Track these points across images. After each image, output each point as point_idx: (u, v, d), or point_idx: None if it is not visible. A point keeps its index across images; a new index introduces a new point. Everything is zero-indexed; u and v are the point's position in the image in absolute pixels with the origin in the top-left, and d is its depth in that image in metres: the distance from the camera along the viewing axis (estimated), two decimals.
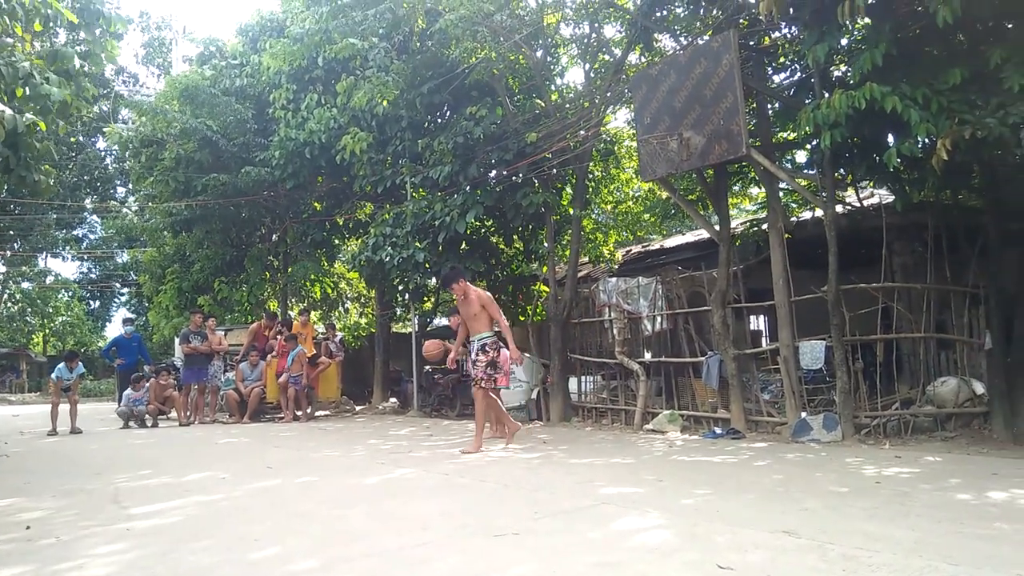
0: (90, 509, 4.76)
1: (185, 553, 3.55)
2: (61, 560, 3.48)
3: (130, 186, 25.68)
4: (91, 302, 37.99)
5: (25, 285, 32.68)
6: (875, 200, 10.22)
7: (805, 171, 10.19)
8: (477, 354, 7.52)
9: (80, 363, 11.47)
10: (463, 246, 12.74)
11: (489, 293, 7.95)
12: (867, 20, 7.54)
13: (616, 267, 14.26)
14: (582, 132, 10.65)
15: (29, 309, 34.74)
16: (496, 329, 7.66)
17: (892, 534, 3.62)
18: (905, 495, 4.71)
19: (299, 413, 12.16)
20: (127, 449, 8.74)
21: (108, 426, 11.93)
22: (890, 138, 7.76)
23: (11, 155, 6.89)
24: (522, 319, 14.62)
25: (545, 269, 12.71)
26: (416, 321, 14.54)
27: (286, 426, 11.38)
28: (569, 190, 12.72)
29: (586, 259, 14.30)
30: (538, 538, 3.69)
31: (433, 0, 11.03)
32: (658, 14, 10.33)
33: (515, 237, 14.01)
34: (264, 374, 12.60)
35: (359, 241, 15.40)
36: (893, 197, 8.59)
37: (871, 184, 10.19)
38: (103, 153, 29.38)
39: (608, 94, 11.13)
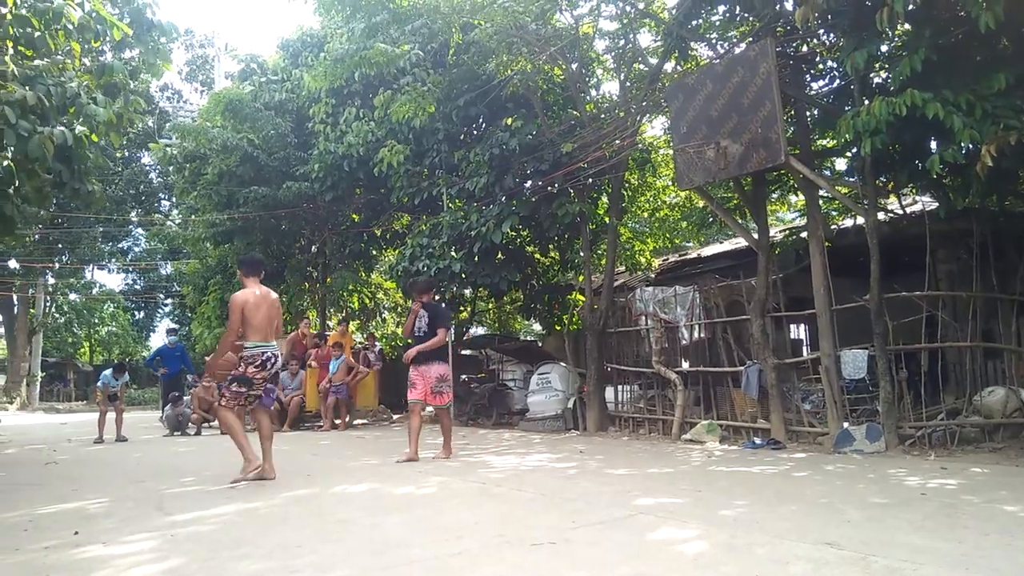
0: (135, 515, 4.87)
1: (227, 560, 3.62)
2: (107, 566, 3.56)
3: (174, 199, 26.35)
4: (136, 313, 38.93)
5: (72, 297, 33.60)
6: (918, 207, 10.02)
7: (845, 178, 10.05)
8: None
9: (127, 373, 11.78)
10: (499, 256, 12.80)
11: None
12: (907, 26, 7.42)
13: (653, 276, 14.18)
14: (617, 142, 10.64)
15: (76, 320, 35.73)
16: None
17: (938, 547, 3.54)
18: (951, 507, 4.60)
19: (337, 422, 12.30)
20: (171, 457, 8.93)
21: (152, 434, 12.19)
22: (933, 144, 7.62)
23: (64, 169, 7.14)
24: (558, 328, 14.62)
25: (581, 278, 12.70)
26: (453, 331, 14.60)
27: (325, 434, 11.52)
28: (605, 199, 12.70)
29: (622, 268, 14.26)
30: (576, 548, 3.68)
31: (469, 13, 11.14)
32: (694, 23, 10.29)
33: (551, 247, 14.03)
34: (304, 383, 12.78)
35: (396, 252, 15.56)
36: (937, 204, 8.44)
37: (914, 191, 10.01)
38: (148, 168, 30.14)
39: (644, 103, 11.11)
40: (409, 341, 8.02)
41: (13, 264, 28.06)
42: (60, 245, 28.45)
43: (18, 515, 4.98)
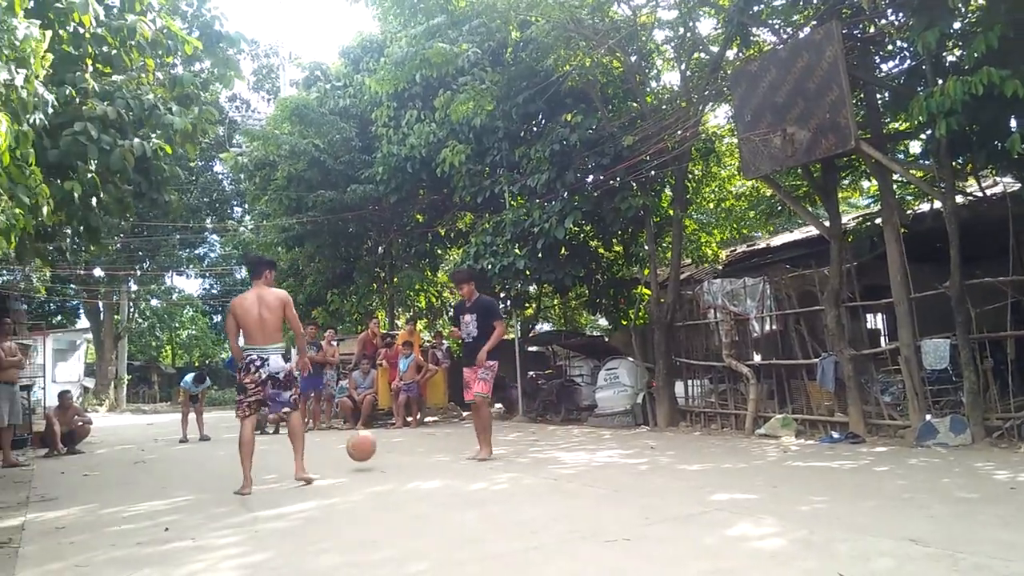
0: (221, 512, 5.08)
1: (309, 555, 3.75)
2: (196, 560, 3.74)
3: (246, 206, 27.19)
4: (213, 316, 40.31)
5: (154, 302, 35.02)
6: (999, 189, 9.59)
7: (920, 162, 9.68)
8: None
9: (207, 380, 12.39)
10: (562, 252, 12.79)
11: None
12: (980, 1, 7.11)
13: (720, 267, 13.95)
14: (680, 132, 10.49)
15: (158, 324, 37.26)
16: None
17: None
18: None
19: (409, 419, 12.52)
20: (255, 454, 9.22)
21: (233, 433, 12.63)
22: (1012, 123, 7.29)
23: (143, 180, 7.46)
24: (624, 323, 14.53)
25: (647, 272, 12.58)
26: (518, 327, 14.68)
27: (397, 432, 11.74)
28: (668, 191, 12.55)
29: (688, 260, 14.06)
30: (650, 544, 3.68)
31: (525, 9, 11.15)
32: (755, 8, 10.07)
33: (615, 241, 13.93)
34: (375, 382, 13.05)
35: (460, 251, 15.71)
36: (1019, 185, 8.06)
37: (993, 172, 9.58)
38: (220, 176, 31.17)
39: (705, 93, 10.94)
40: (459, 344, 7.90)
41: (98, 272, 29.43)
42: (140, 253, 29.67)
43: (111, 512, 5.26)
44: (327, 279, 17.65)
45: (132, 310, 31.87)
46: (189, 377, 12.08)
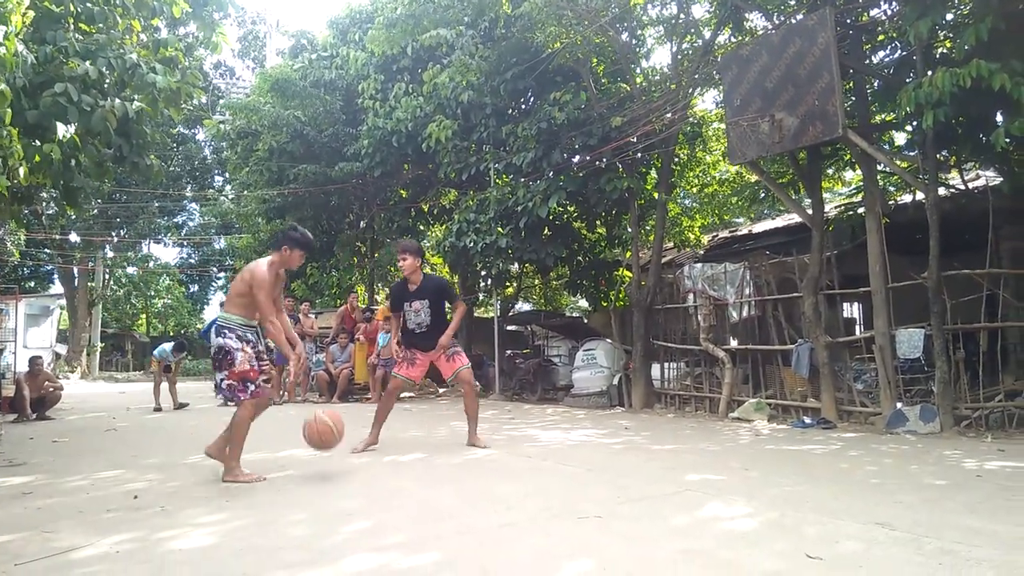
0: (192, 481, 5.04)
1: (282, 525, 3.73)
2: (166, 528, 3.70)
3: (227, 175, 26.89)
4: (190, 286, 39.96)
5: (130, 270, 34.61)
6: (981, 182, 9.67)
7: (905, 152, 9.74)
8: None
9: (185, 351, 12.25)
10: (545, 232, 12.77)
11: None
12: None
13: (702, 252, 14.01)
14: (668, 115, 10.47)
15: (134, 292, 36.84)
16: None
17: (994, 529, 3.47)
18: (1008, 489, 4.49)
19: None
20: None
21: (208, 403, 12.55)
22: (999, 117, 7.33)
23: (124, 143, 7.31)
24: (604, 304, 14.58)
25: (628, 254, 12.61)
26: (498, 306, 14.67)
27: (373, 406, 11.65)
28: (654, 174, 12.55)
29: (671, 244, 14.11)
30: (622, 522, 3.70)
31: None
32: None
33: (598, 222, 13.95)
34: (353, 356, 13.00)
35: (443, 227, 15.66)
36: (1001, 179, 8.12)
37: (977, 165, 9.66)
38: (202, 144, 30.76)
39: (696, 76, 10.90)
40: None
41: (74, 238, 29.01)
42: (118, 219, 29.29)
43: (81, 479, 5.20)
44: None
45: (107, 277, 31.47)
46: (168, 346, 11.90)
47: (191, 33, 8.59)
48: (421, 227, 18.02)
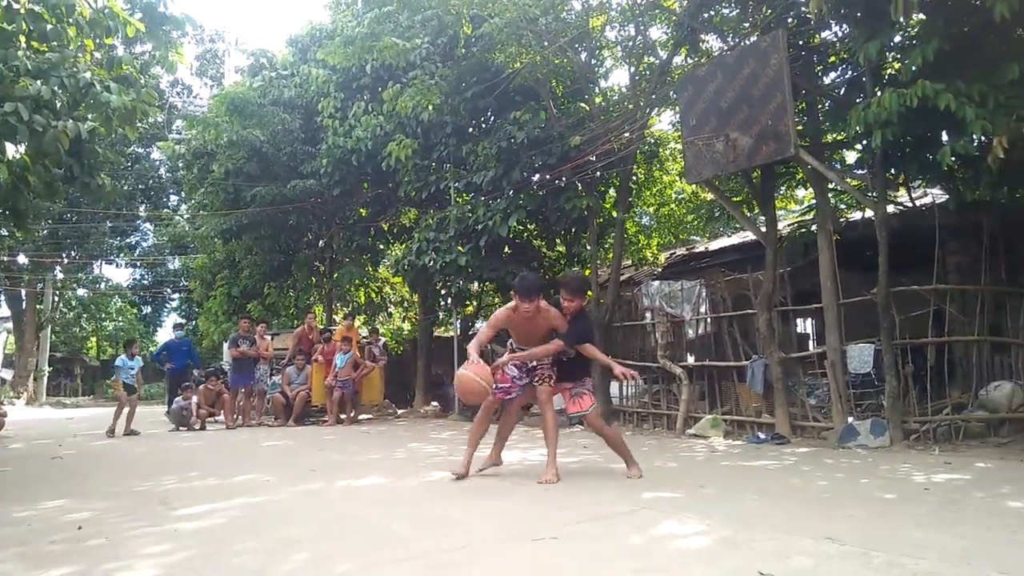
0: (139, 510, 4.87)
1: (230, 555, 3.61)
2: (110, 560, 3.55)
3: (182, 194, 26.43)
4: (143, 308, 39.03)
5: (80, 292, 33.72)
6: (928, 200, 9.93)
7: (855, 171, 9.96)
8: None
9: (139, 355, 11.83)
10: (505, 250, 12.77)
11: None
12: (921, 16, 7.32)
13: (659, 270, 14.13)
14: (626, 135, 10.58)
15: (84, 315, 35.87)
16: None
17: (940, 541, 3.51)
18: (955, 502, 4.57)
19: (343, 416, 12.31)
20: (176, 452, 8.95)
21: (158, 428, 12.24)
22: (944, 136, 7.54)
23: (75, 163, 7.14)
24: None
25: (588, 272, 12.66)
26: (458, 325, 14.60)
27: (330, 429, 11.53)
28: (612, 193, 12.65)
29: (629, 262, 14.20)
30: (578, 543, 3.67)
31: (479, 5, 11.08)
32: (705, 15, 10.21)
33: (557, 240, 13.99)
34: (310, 378, 12.78)
35: (403, 246, 15.57)
36: (947, 196, 8.34)
37: (924, 184, 9.91)
38: (157, 163, 30.21)
39: (653, 96, 11.04)
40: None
41: (22, 259, 28.18)
42: (68, 240, 28.56)
43: (24, 510, 4.99)
44: (264, 272, 17.26)
45: (57, 299, 30.63)
46: (122, 356, 11.51)
47: (147, 51, 8.44)
48: (381, 246, 17.88)
